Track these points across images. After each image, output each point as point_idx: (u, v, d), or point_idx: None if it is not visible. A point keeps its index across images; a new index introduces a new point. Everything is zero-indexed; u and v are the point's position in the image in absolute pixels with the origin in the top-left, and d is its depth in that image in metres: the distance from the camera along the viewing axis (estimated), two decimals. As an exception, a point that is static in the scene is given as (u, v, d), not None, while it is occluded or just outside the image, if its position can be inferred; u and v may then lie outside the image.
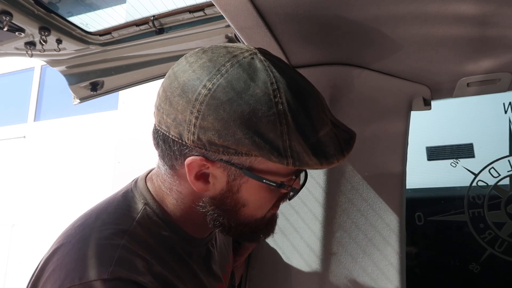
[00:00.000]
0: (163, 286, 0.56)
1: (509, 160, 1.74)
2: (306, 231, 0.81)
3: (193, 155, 0.54)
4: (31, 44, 1.04)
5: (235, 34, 1.00)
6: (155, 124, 0.58)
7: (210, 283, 0.66)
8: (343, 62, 0.78)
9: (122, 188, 0.65)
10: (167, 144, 0.56)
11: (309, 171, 0.82)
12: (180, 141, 0.54)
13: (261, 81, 0.52)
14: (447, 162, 1.82)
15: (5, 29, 0.93)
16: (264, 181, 0.56)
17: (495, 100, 1.82)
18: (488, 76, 0.77)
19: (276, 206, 0.64)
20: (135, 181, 0.65)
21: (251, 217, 0.60)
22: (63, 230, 0.59)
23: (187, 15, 0.99)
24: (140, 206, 0.61)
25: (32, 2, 0.91)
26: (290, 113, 0.52)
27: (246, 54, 0.54)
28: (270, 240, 0.83)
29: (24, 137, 4.33)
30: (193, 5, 0.98)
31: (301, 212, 0.82)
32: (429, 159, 1.86)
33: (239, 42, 1.04)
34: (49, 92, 4.38)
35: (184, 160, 0.54)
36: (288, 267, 0.81)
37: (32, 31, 0.99)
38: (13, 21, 0.92)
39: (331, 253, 0.79)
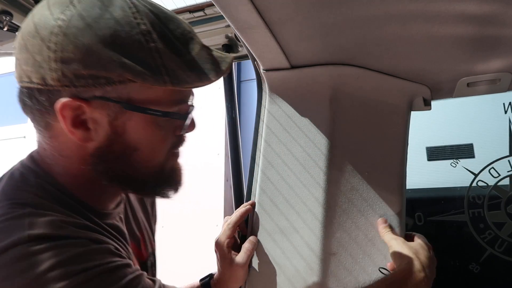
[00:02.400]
0: (88, 231, 0.51)
1: (509, 160, 1.74)
2: (306, 231, 0.81)
3: (62, 98, 0.48)
4: (31, 44, 1.04)
5: (235, 34, 1.00)
6: (18, 90, 0.53)
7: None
8: (343, 62, 0.78)
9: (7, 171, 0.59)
10: (34, 98, 0.50)
11: (305, 167, 0.82)
12: (45, 87, 0.48)
13: (117, 6, 0.49)
14: (447, 162, 1.82)
15: (5, 29, 0.93)
16: (149, 111, 0.51)
17: (495, 100, 1.82)
18: (488, 76, 0.77)
19: (174, 152, 0.59)
20: (20, 161, 0.59)
21: (147, 162, 0.55)
22: None
23: (187, 15, 0.99)
24: (32, 179, 0.54)
25: (32, 2, 0.91)
26: (156, 33, 0.49)
27: None
28: (270, 240, 0.83)
29: (24, 137, 4.33)
30: (193, 5, 0.98)
31: (301, 212, 0.81)
32: (429, 159, 1.85)
33: (239, 42, 1.04)
34: (49, 92, 4.38)
35: (56, 108, 0.49)
36: (288, 267, 0.81)
37: (32, 31, 0.99)
38: (13, 21, 0.92)
39: (331, 253, 0.79)
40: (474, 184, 1.76)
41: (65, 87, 0.48)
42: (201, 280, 0.85)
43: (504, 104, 1.80)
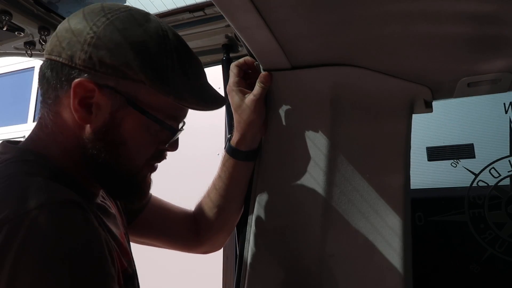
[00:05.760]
0: (101, 211, 0.61)
1: (509, 160, 1.73)
2: (306, 232, 0.80)
3: (81, 77, 0.55)
4: (30, 44, 1.04)
5: (235, 34, 1.00)
6: (44, 61, 0.59)
7: (116, 231, 0.67)
8: (344, 63, 0.77)
9: None
10: (55, 72, 0.57)
11: (306, 167, 0.82)
12: (70, 63, 0.55)
13: (152, 24, 0.59)
14: (448, 162, 1.82)
15: (5, 28, 0.93)
16: (146, 113, 0.58)
17: (495, 100, 1.82)
18: (489, 76, 0.77)
19: (152, 162, 0.65)
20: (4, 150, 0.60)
21: (129, 160, 0.61)
22: None
23: (187, 15, 0.99)
24: (32, 160, 0.56)
25: (32, 1, 0.91)
26: (176, 55, 0.59)
27: (142, 12, 0.61)
28: (269, 240, 0.83)
29: (24, 137, 4.33)
30: (193, 5, 0.98)
31: (300, 213, 0.81)
32: (429, 160, 1.85)
33: (239, 42, 1.04)
34: (49, 92, 4.37)
35: (71, 85, 0.55)
36: (287, 268, 0.81)
37: (31, 30, 0.99)
38: (12, 21, 0.92)
39: (330, 255, 0.79)
40: (474, 184, 1.76)
41: (87, 69, 0.55)
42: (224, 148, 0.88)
43: (504, 104, 1.80)
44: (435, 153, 1.85)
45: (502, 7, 0.56)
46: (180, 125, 0.66)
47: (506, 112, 1.79)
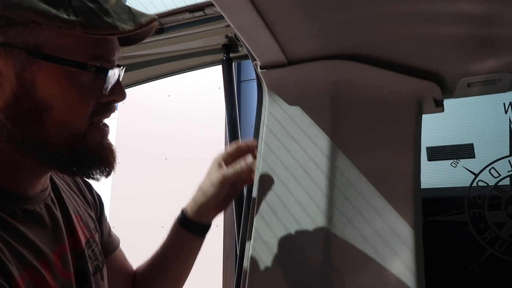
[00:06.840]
0: (30, 219, 0.49)
1: (509, 160, 1.73)
2: (307, 243, 0.76)
3: None
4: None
5: (235, 34, 1.00)
6: None
7: (45, 247, 0.53)
8: (342, 58, 0.76)
9: None
10: None
11: (307, 171, 0.79)
12: None
13: None
14: (447, 162, 1.82)
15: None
16: (59, 60, 0.45)
17: (495, 100, 1.82)
18: (489, 77, 0.77)
19: (98, 125, 0.54)
20: None
21: (62, 126, 0.49)
22: None
23: (187, 15, 0.99)
24: None
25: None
26: None
27: None
28: (267, 252, 0.78)
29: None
30: (193, 5, 0.98)
31: (302, 222, 0.77)
32: (429, 159, 1.85)
33: (239, 42, 1.04)
34: (49, 92, 4.36)
35: None
36: (285, 284, 0.76)
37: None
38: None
39: (334, 269, 0.73)
40: (474, 184, 1.76)
41: None
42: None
43: (504, 104, 1.80)
44: (435, 153, 1.85)
45: (502, 7, 0.56)
46: (114, 62, 0.53)
47: (506, 112, 1.79)
